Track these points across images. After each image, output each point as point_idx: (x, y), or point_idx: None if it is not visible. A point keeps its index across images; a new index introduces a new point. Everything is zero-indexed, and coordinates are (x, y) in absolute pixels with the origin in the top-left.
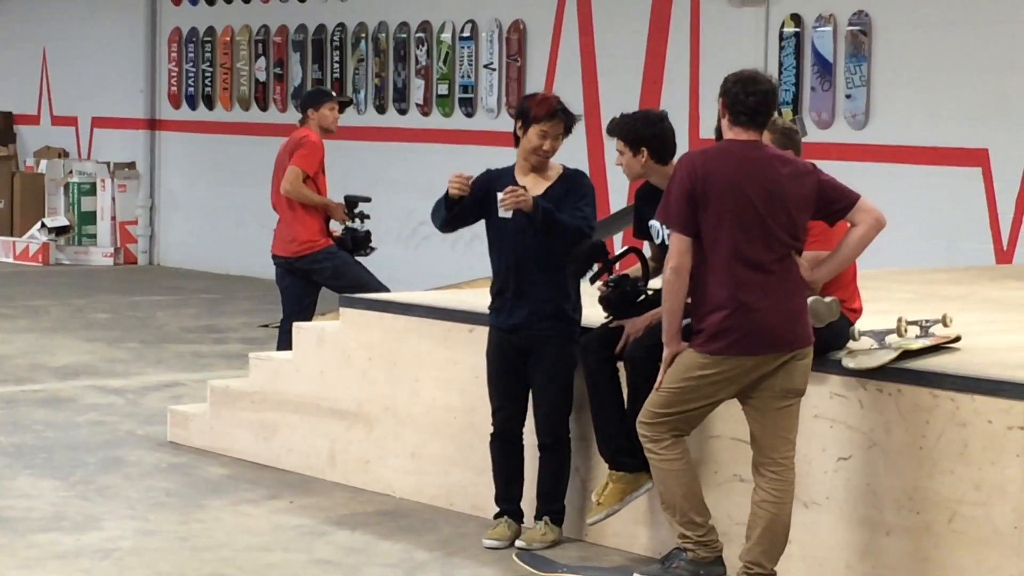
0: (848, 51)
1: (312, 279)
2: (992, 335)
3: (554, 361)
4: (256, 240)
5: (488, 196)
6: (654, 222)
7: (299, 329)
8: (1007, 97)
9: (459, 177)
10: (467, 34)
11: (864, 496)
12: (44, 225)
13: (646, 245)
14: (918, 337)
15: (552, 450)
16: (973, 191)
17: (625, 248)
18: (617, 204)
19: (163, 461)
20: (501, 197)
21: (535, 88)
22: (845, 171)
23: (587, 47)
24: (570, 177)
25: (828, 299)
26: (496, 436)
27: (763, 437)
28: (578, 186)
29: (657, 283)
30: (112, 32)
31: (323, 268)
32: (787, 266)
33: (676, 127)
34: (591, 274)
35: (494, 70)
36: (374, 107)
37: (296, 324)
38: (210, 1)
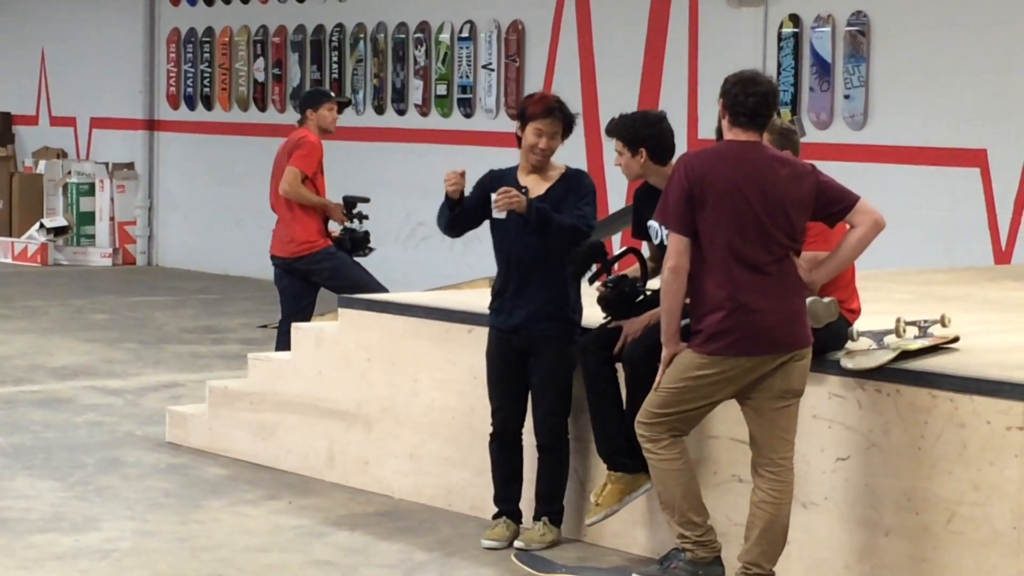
0: (847, 52)
1: (311, 279)
2: (991, 335)
3: (553, 362)
4: (255, 241)
5: (491, 197)
6: (652, 222)
7: (298, 330)
8: (1006, 98)
9: (451, 174)
10: (466, 34)
11: (863, 497)
12: (43, 226)
13: (644, 245)
14: (917, 338)
15: (551, 451)
16: (971, 192)
17: (624, 248)
18: (616, 204)
19: (162, 462)
20: (494, 198)
21: (534, 89)
22: (843, 172)
23: (586, 47)
24: (571, 177)
25: (827, 300)
26: (495, 437)
27: (762, 438)
28: (578, 185)
29: (656, 283)
30: (111, 33)
31: (322, 269)
32: (785, 267)
33: (675, 127)
34: (590, 274)
35: (493, 70)
36: (373, 107)
37: (295, 325)
38: (209, 2)
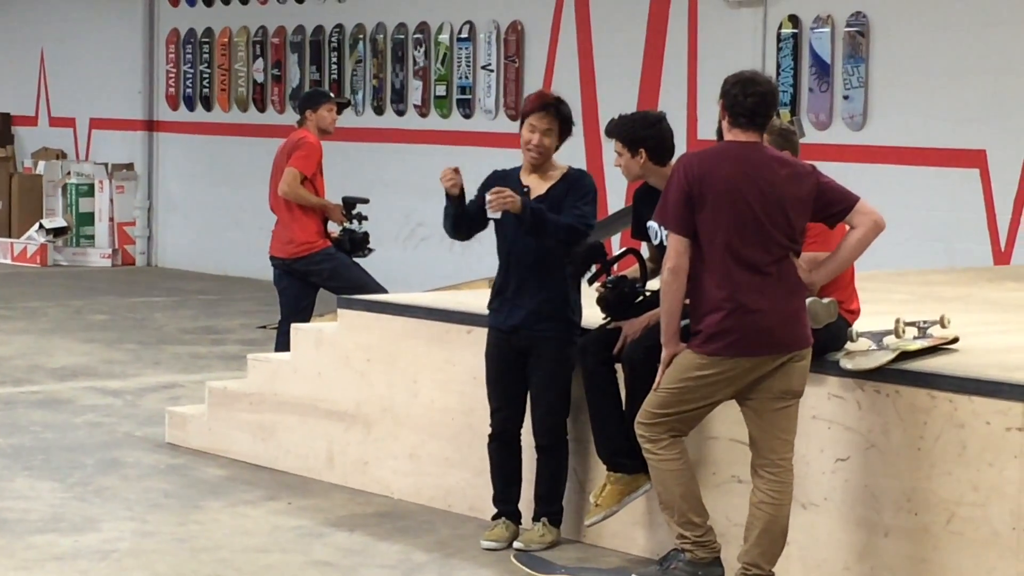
0: (846, 52)
1: (310, 280)
2: (990, 336)
3: (552, 362)
4: (254, 241)
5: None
6: (652, 223)
7: (297, 330)
8: (1005, 98)
9: (446, 171)
10: (465, 35)
11: (862, 497)
12: (42, 226)
13: (644, 246)
14: (916, 338)
15: (550, 451)
16: (971, 192)
17: (623, 249)
18: (615, 205)
19: (161, 462)
20: (488, 198)
21: (533, 88)
22: (843, 172)
23: (585, 48)
24: (572, 177)
25: (826, 300)
26: (494, 437)
27: (761, 438)
28: (579, 185)
29: (655, 284)
30: (110, 33)
31: (321, 269)
32: (785, 268)
33: (674, 128)
34: (589, 275)
35: (492, 71)
36: (372, 108)
37: (294, 325)
38: (208, 2)
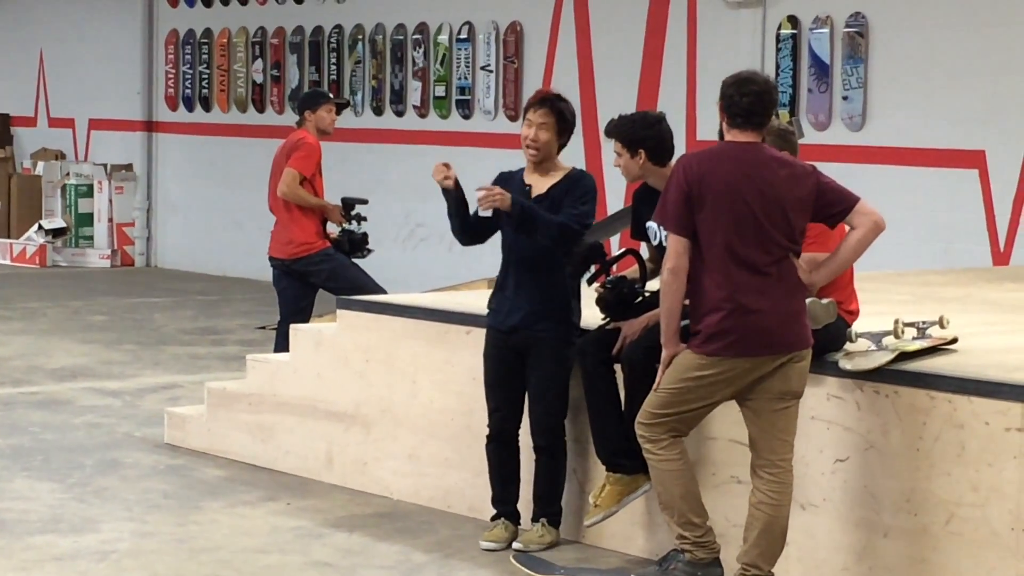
0: (845, 53)
1: (309, 281)
2: (989, 336)
3: (551, 363)
4: (253, 242)
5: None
6: (651, 223)
7: (296, 331)
8: (1004, 99)
9: (437, 167)
10: (464, 36)
11: (861, 498)
12: (41, 227)
13: (643, 246)
14: (915, 339)
15: (547, 452)
16: (970, 193)
17: (623, 250)
18: (615, 205)
19: (160, 463)
20: (478, 196)
21: (532, 89)
22: (842, 173)
23: (584, 49)
24: (573, 176)
25: (825, 301)
26: (493, 438)
27: (761, 439)
28: (578, 184)
29: (654, 285)
30: (109, 34)
31: (320, 270)
32: (784, 268)
33: (673, 129)
34: (588, 275)
35: (491, 72)
36: (371, 109)
37: (293, 326)
38: (207, 3)
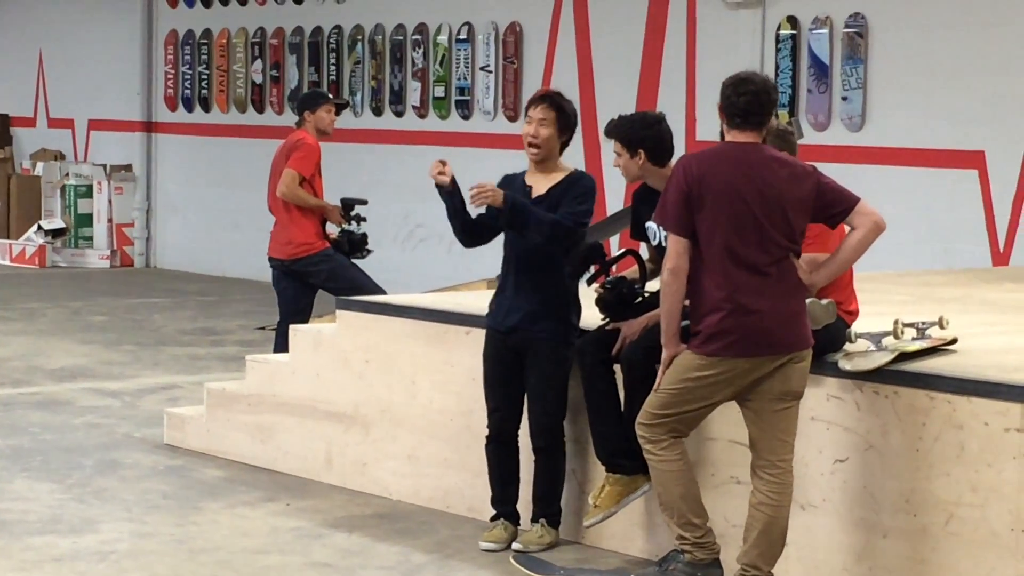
0: (844, 53)
1: (308, 281)
2: (989, 337)
3: (549, 363)
4: (253, 242)
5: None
6: (650, 224)
7: (295, 331)
8: (1003, 99)
9: (435, 164)
10: (463, 36)
11: (861, 498)
12: (40, 227)
13: (643, 247)
14: (915, 339)
15: (546, 453)
16: (969, 193)
17: (622, 250)
18: (614, 206)
19: (160, 463)
20: (470, 192)
21: (531, 90)
22: (841, 173)
23: (583, 49)
24: (572, 177)
25: (825, 301)
26: (492, 438)
27: (761, 440)
28: (576, 184)
29: (654, 285)
30: (108, 34)
31: (319, 271)
32: (784, 268)
33: (673, 129)
34: (588, 276)
35: (491, 72)
36: (370, 109)
37: (292, 326)
38: (206, 3)
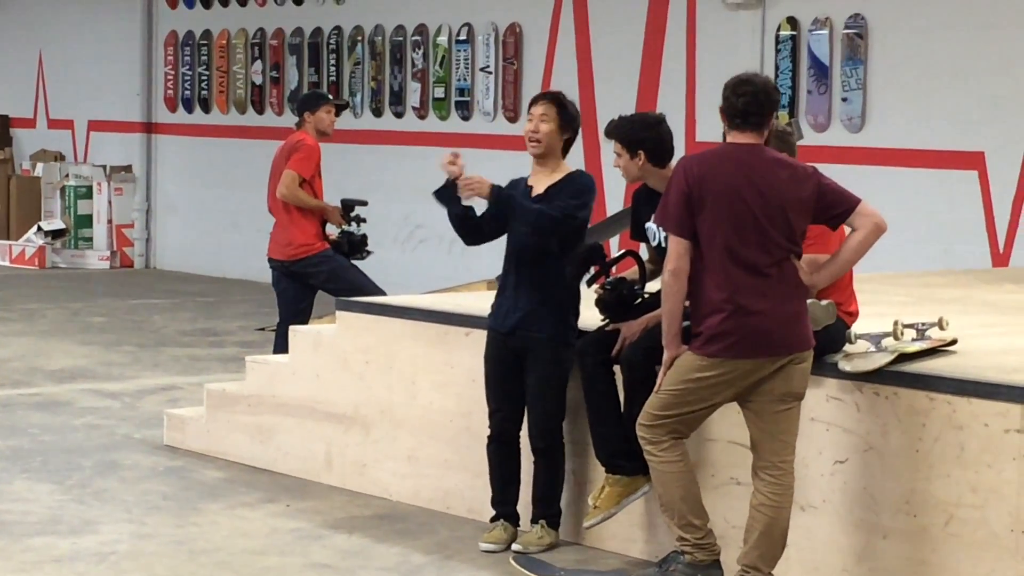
0: (844, 54)
1: (308, 282)
2: (988, 338)
3: (548, 364)
4: (252, 243)
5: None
6: (650, 224)
7: (295, 332)
8: (1003, 100)
9: (447, 156)
10: (463, 37)
11: (861, 499)
12: (40, 228)
13: (643, 248)
14: (914, 340)
15: (545, 454)
16: (969, 194)
17: (622, 251)
18: (614, 206)
19: (159, 465)
20: (459, 184)
21: (531, 90)
22: (841, 175)
23: (583, 50)
24: (571, 175)
25: (824, 302)
26: (493, 439)
27: (762, 441)
28: (573, 181)
29: (654, 286)
30: (108, 35)
31: (319, 271)
32: (785, 270)
33: (672, 130)
34: (588, 277)
35: (490, 73)
36: (370, 110)
37: (292, 327)
38: (206, 4)
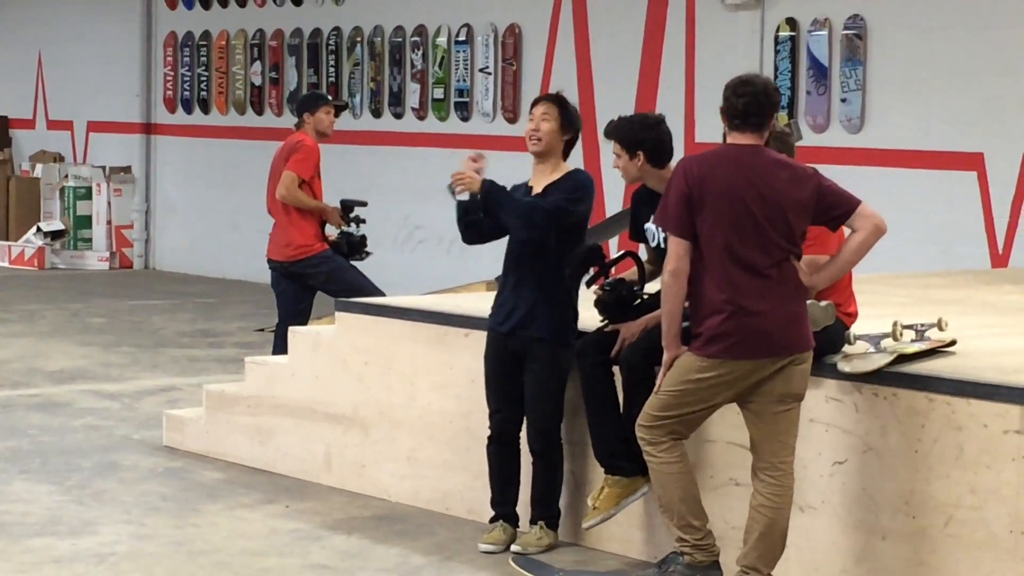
0: (843, 55)
1: (307, 283)
2: (988, 339)
3: (547, 365)
4: (252, 244)
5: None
6: (650, 225)
7: (295, 333)
8: (1002, 101)
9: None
10: (463, 38)
11: (860, 500)
12: (40, 229)
13: (642, 248)
14: (914, 341)
15: (543, 455)
16: (968, 195)
17: (622, 252)
18: (613, 207)
19: (159, 465)
20: (452, 181)
21: (531, 91)
22: (840, 175)
23: (583, 51)
24: (569, 173)
25: (824, 303)
26: (493, 439)
27: (762, 442)
28: (570, 179)
29: (653, 287)
30: (108, 36)
31: (318, 272)
32: (785, 270)
33: (672, 130)
34: (587, 277)
35: (490, 74)
36: (370, 111)
37: (292, 328)
38: (205, 5)
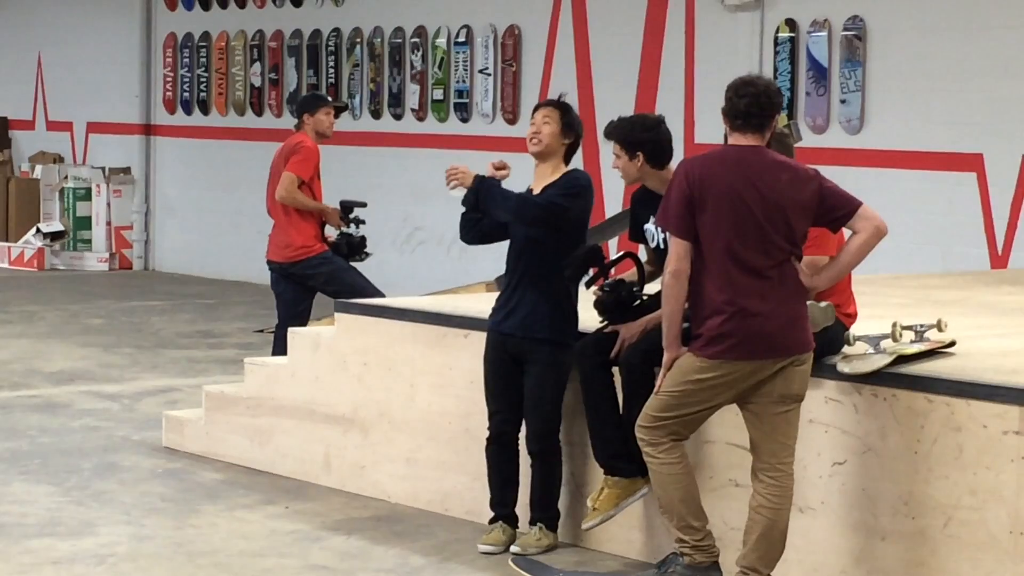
0: (843, 56)
1: (307, 284)
2: (987, 340)
3: (547, 367)
4: (251, 245)
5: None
6: (649, 226)
7: (294, 334)
8: (1002, 102)
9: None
10: (462, 39)
11: (859, 501)
12: (39, 230)
13: (642, 249)
14: (913, 342)
15: (542, 457)
16: (968, 196)
17: (621, 253)
18: (613, 208)
19: (158, 466)
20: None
21: (530, 92)
22: (840, 176)
23: (582, 52)
24: (566, 173)
25: (823, 304)
26: (492, 440)
27: (762, 443)
28: (567, 177)
29: (652, 288)
30: (107, 37)
31: (318, 273)
32: (785, 272)
33: (671, 131)
34: (587, 279)
35: (489, 75)
36: (369, 112)
37: (291, 329)
38: (205, 6)
